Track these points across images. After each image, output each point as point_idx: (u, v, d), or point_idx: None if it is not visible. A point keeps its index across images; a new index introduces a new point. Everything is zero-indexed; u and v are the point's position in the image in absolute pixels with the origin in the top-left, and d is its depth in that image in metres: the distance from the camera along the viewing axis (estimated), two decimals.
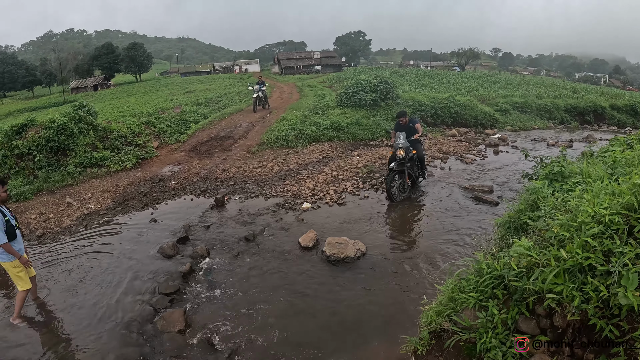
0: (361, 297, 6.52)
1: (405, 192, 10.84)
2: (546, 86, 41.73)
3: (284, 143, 16.98)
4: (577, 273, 3.01)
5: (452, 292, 3.91)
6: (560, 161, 5.93)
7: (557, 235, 3.36)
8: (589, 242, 3.02)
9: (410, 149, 10.74)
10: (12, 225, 6.32)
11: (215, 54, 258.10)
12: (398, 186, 10.67)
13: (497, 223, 5.42)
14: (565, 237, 3.26)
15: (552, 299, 3.00)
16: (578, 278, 2.99)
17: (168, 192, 12.12)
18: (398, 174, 10.66)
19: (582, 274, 2.99)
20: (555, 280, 3.01)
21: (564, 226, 3.37)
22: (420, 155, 11.34)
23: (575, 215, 3.42)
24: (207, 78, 76.96)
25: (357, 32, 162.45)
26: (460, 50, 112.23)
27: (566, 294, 2.93)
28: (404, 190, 10.81)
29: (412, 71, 64.03)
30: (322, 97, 29.04)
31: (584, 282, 2.94)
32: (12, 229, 6.31)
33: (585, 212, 3.29)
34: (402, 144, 10.52)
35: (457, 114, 22.51)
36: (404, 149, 10.45)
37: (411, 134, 10.87)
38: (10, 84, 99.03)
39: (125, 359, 5.37)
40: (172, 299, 6.66)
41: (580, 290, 2.93)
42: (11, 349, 5.76)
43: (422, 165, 11.51)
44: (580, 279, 2.97)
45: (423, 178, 11.82)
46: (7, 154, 14.19)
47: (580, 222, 3.25)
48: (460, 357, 3.60)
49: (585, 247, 3.04)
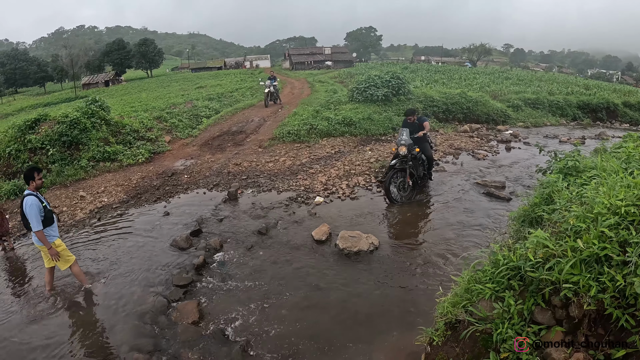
0: (374, 290, 6.54)
1: (405, 192, 10.29)
2: (558, 82, 41.43)
3: (296, 138, 17.01)
4: (593, 263, 3.01)
5: (468, 283, 3.92)
6: (575, 155, 5.91)
7: (573, 226, 3.36)
8: (606, 232, 3.01)
9: (414, 147, 10.26)
10: (49, 211, 6.69)
11: (226, 49, 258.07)
12: (398, 185, 10.22)
13: (511, 217, 5.42)
14: (582, 228, 3.25)
15: (569, 289, 3.00)
16: (594, 268, 2.98)
17: (181, 186, 12.21)
18: (399, 172, 10.22)
19: (598, 264, 2.99)
20: (571, 270, 3.01)
21: (580, 217, 3.37)
22: (428, 154, 10.89)
23: (591, 206, 3.41)
24: (218, 73, 76.99)
25: (367, 27, 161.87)
26: (471, 46, 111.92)
27: (583, 284, 2.94)
28: (404, 189, 10.28)
29: (423, 67, 63.70)
30: (333, 92, 29.06)
31: (600, 272, 2.93)
32: (50, 214, 6.68)
33: (601, 204, 3.29)
34: (404, 140, 10.06)
35: (469, 110, 22.39)
36: (406, 146, 9.98)
37: (417, 131, 10.46)
38: (22, 80, 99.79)
39: (139, 349, 5.42)
40: (186, 291, 6.72)
41: (596, 280, 2.93)
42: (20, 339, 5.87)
43: (429, 165, 11.06)
44: (596, 269, 2.97)
45: (429, 180, 11.38)
46: (20, 148, 14.31)
47: (597, 213, 3.25)
48: (476, 347, 3.62)
49: (601, 238, 3.03)
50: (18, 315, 6.50)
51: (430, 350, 4.08)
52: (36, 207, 6.39)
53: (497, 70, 63.86)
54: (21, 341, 5.81)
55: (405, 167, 10.15)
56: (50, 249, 6.58)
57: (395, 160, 10.15)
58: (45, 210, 6.56)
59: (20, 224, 10.12)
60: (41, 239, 6.51)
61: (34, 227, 6.40)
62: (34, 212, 6.36)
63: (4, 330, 6.07)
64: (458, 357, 3.74)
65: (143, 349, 5.42)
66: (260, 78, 42.83)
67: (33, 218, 6.36)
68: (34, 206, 6.38)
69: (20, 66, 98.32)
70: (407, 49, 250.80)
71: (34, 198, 6.47)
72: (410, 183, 10.31)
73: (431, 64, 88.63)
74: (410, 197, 10.38)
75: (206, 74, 79.03)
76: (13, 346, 5.73)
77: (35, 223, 6.38)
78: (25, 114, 36.31)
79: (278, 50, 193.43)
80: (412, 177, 10.32)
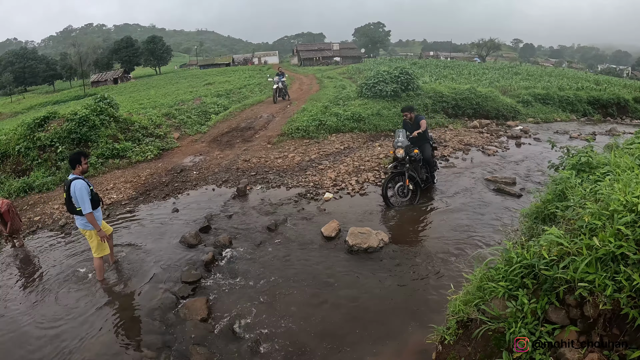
0: (384, 287, 6.50)
1: (405, 196, 9.72)
2: (568, 78, 41.14)
3: (305, 134, 16.99)
4: (609, 262, 2.96)
5: (481, 281, 3.87)
6: (588, 151, 5.84)
7: (588, 224, 3.30)
8: (622, 230, 2.96)
9: (412, 148, 9.79)
10: (96, 194, 6.97)
11: (234, 46, 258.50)
12: (397, 190, 9.68)
13: (523, 213, 5.36)
14: (597, 225, 3.20)
15: (584, 287, 2.95)
16: (610, 267, 2.93)
17: (190, 182, 12.21)
18: (397, 176, 9.75)
19: (614, 263, 2.94)
20: (587, 269, 2.96)
21: (596, 215, 3.31)
22: (426, 156, 10.26)
23: (606, 203, 3.35)
24: (226, 70, 77.08)
25: (376, 23, 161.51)
26: (480, 41, 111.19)
27: (598, 283, 2.89)
28: (404, 194, 9.71)
29: (432, 62, 63.57)
30: (342, 88, 29.00)
31: (617, 271, 2.88)
32: (97, 197, 6.97)
33: (616, 201, 3.23)
34: (401, 142, 9.62)
35: (479, 105, 22.23)
36: (403, 148, 9.53)
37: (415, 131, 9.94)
38: (32, 79, 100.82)
39: (148, 346, 5.43)
40: (195, 287, 6.70)
41: (612, 279, 2.88)
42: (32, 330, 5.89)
43: (430, 167, 10.47)
44: (612, 267, 2.92)
45: (432, 183, 10.74)
46: (29, 146, 14.36)
47: (612, 210, 3.19)
48: (488, 347, 3.57)
49: (617, 236, 2.98)
50: (30, 308, 6.54)
51: (442, 349, 4.05)
52: (86, 190, 6.59)
53: (506, 65, 63.45)
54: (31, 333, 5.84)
55: (403, 171, 9.68)
56: (100, 231, 6.80)
57: (392, 164, 9.84)
58: (92, 193, 6.77)
59: (30, 222, 10.19)
60: (91, 222, 6.71)
61: (85, 209, 6.58)
62: (84, 194, 6.55)
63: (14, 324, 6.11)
64: (470, 356, 3.70)
65: (152, 346, 5.43)
66: (268, 74, 42.83)
67: (85, 200, 6.56)
68: (83, 189, 6.56)
69: (30, 65, 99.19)
70: (415, 44, 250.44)
71: (82, 182, 6.66)
72: (410, 187, 9.81)
73: (440, 59, 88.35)
74: (412, 201, 9.83)
75: (214, 71, 79.13)
76: (22, 338, 5.77)
77: (86, 205, 6.57)
78: (34, 112, 36.51)
79: (286, 47, 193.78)
80: (412, 180, 9.85)
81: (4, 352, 5.56)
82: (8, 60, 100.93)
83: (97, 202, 6.92)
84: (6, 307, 6.65)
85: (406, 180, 9.67)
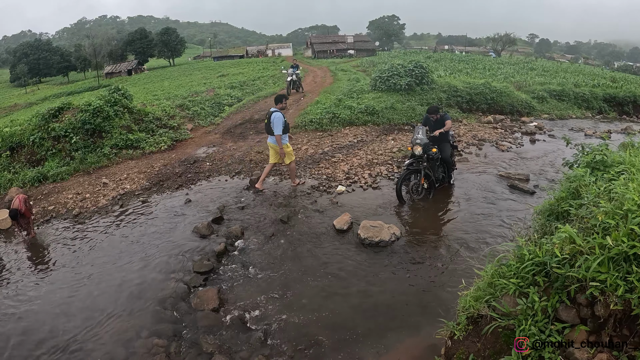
0: (395, 281, 6.52)
1: (419, 195, 9.55)
2: (584, 74, 40.52)
3: (318, 126, 16.97)
4: (621, 262, 2.95)
5: (492, 278, 3.87)
6: (603, 149, 5.78)
7: (602, 222, 3.29)
8: (635, 230, 2.94)
9: (431, 147, 9.49)
10: (287, 124, 10.08)
11: (248, 38, 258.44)
12: (411, 187, 9.59)
13: (537, 210, 5.34)
14: (611, 225, 3.18)
15: (595, 287, 2.95)
16: (623, 267, 2.92)
17: (203, 173, 12.25)
18: (413, 173, 9.60)
19: (626, 263, 2.93)
20: (599, 268, 2.95)
21: (609, 214, 3.29)
22: (445, 156, 9.99)
23: (620, 203, 3.33)
24: (240, 62, 77.23)
25: (390, 16, 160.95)
26: (496, 35, 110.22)
27: (610, 283, 2.87)
28: (418, 192, 9.56)
29: (446, 56, 63.00)
30: (356, 81, 28.83)
31: (629, 271, 2.87)
32: (287, 126, 10.07)
33: (631, 200, 3.21)
34: (420, 139, 9.34)
35: (493, 101, 21.99)
36: (421, 146, 9.23)
37: (437, 130, 9.77)
38: (46, 70, 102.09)
39: (159, 334, 5.49)
40: (207, 277, 6.78)
41: (624, 279, 2.87)
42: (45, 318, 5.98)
43: (447, 167, 10.24)
44: (625, 267, 2.90)
45: (447, 182, 10.50)
46: (44, 136, 14.45)
47: (626, 210, 3.17)
48: (497, 343, 3.58)
49: (630, 236, 2.96)
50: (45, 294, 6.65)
51: (451, 344, 4.06)
52: (280, 119, 9.73)
53: (521, 60, 62.93)
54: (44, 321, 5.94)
55: (419, 168, 9.48)
56: (281, 149, 9.91)
57: (409, 161, 9.61)
58: (285, 123, 9.85)
59: (44, 211, 10.32)
60: (277, 141, 9.84)
61: (276, 131, 9.72)
62: (279, 122, 9.71)
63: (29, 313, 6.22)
64: (479, 352, 3.71)
65: (163, 334, 5.49)
66: (282, 66, 42.78)
67: (278, 125, 9.71)
68: (279, 118, 9.73)
69: (44, 56, 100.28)
70: (430, 37, 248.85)
71: (280, 114, 9.80)
72: (425, 186, 9.62)
73: (455, 53, 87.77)
74: (426, 200, 9.65)
75: (228, 62, 79.34)
76: (36, 325, 5.86)
77: (277, 129, 9.71)
78: (48, 103, 36.90)
79: (300, 39, 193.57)
80: (428, 178, 9.61)
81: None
82: (23, 51, 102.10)
83: (287, 128, 10.00)
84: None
85: (421, 178, 9.49)
